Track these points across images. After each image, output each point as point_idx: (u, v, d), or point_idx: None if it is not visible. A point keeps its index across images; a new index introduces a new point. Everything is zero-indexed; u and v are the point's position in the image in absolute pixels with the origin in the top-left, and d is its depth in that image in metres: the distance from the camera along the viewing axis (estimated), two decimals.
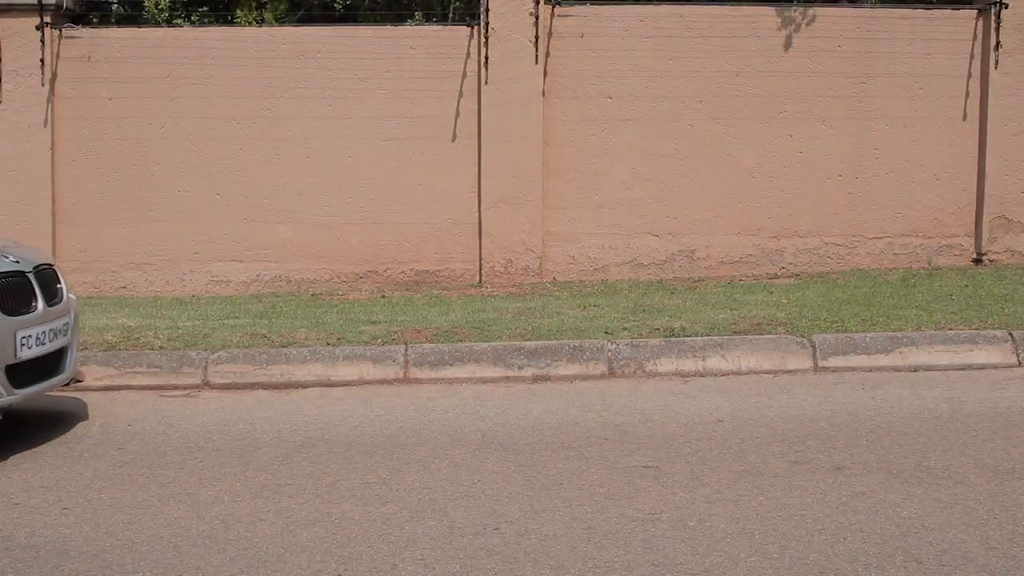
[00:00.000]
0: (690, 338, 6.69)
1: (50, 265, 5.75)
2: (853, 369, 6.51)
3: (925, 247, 9.82)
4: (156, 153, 9.69)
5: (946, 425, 5.29)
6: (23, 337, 5.19)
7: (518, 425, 5.47)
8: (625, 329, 7.02)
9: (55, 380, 5.52)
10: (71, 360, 5.68)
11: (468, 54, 9.61)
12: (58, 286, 5.69)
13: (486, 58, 9.46)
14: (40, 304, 5.40)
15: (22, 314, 5.25)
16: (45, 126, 9.61)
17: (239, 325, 7.53)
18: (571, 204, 9.69)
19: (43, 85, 9.57)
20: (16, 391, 5.14)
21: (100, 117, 9.69)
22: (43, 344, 5.35)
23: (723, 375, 6.50)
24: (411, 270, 9.73)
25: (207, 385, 6.48)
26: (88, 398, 6.24)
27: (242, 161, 9.69)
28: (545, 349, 6.58)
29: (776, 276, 9.64)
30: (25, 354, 5.20)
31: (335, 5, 11.80)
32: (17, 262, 5.42)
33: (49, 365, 5.46)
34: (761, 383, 6.30)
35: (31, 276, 5.43)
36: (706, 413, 5.63)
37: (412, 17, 11.62)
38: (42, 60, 9.54)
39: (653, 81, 9.65)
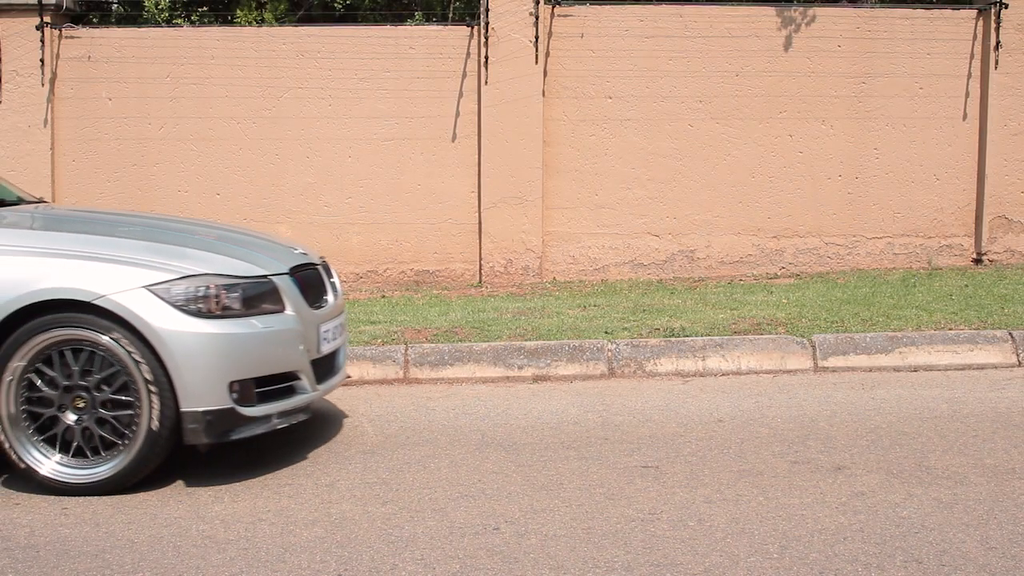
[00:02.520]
0: (690, 338, 6.69)
1: (323, 258, 5.55)
2: (853, 369, 6.51)
3: (925, 247, 9.82)
4: (156, 153, 9.70)
5: (946, 425, 5.29)
6: (324, 331, 5.01)
7: (518, 425, 5.47)
8: (625, 329, 7.03)
9: (340, 377, 5.28)
10: (344, 357, 5.43)
11: (468, 54, 9.61)
12: (332, 280, 5.42)
13: (486, 58, 9.46)
14: (331, 297, 5.21)
15: (319, 308, 5.05)
16: (45, 126, 9.62)
17: None
18: (571, 204, 9.69)
19: (43, 85, 9.58)
20: (318, 387, 4.94)
21: (100, 117, 9.69)
22: (335, 339, 5.16)
23: (723, 375, 6.50)
24: (411, 270, 9.73)
25: None
26: None
27: (242, 161, 9.69)
28: (545, 349, 6.59)
29: (776, 276, 9.65)
30: (325, 348, 5.01)
31: (335, 5, 11.81)
32: (305, 254, 5.26)
33: (332, 361, 5.19)
34: (761, 383, 6.30)
35: (321, 268, 5.27)
36: (706, 413, 5.63)
37: (412, 17, 11.62)
38: (42, 60, 9.55)
39: (653, 81, 9.65)
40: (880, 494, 4.31)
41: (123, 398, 4.47)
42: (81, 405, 4.50)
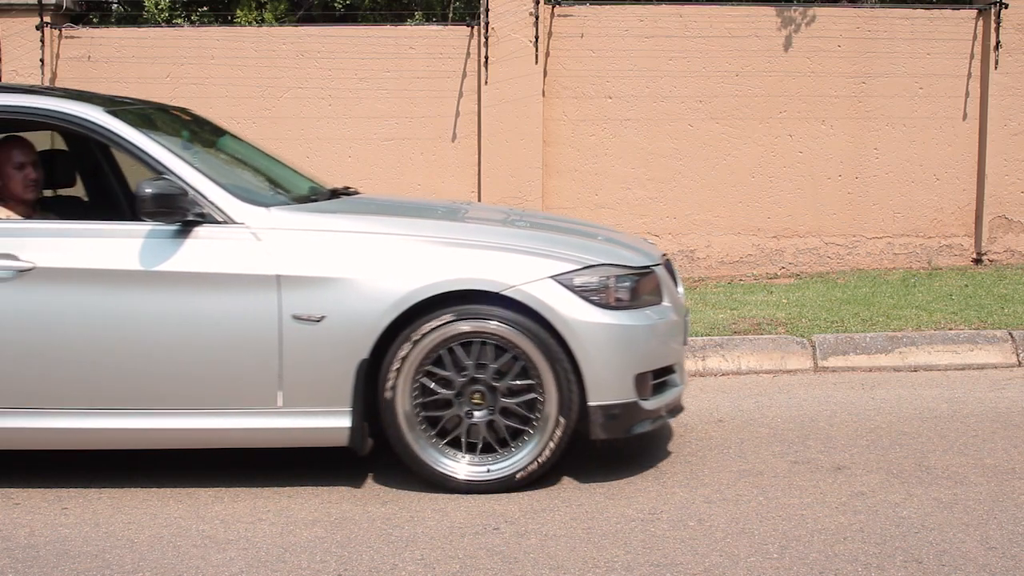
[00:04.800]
0: (690, 338, 6.68)
1: None
2: (853, 369, 6.51)
3: (925, 247, 9.82)
4: None
5: (946, 425, 5.29)
6: (688, 322, 4.87)
7: None
8: None
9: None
10: None
11: (468, 54, 9.61)
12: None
13: (486, 58, 9.46)
14: (680, 289, 4.97)
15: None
16: None
17: None
18: (571, 204, 9.69)
19: (43, 85, 9.57)
20: (684, 380, 4.76)
21: None
22: (689, 333, 5.00)
23: (723, 375, 6.50)
24: None
25: None
26: None
27: None
28: None
29: (776, 276, 9.64)
30: (687, 340, 4.89)
31: (335, 5, 11.80)
32: (653, 243, 5.09)
33: None
34: (761, 383, 6.30)
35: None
36: (706, 413, 5.63)
37: (412, 17, 11.62)
38: (42, 60, 9.54)
39: (653, 81, 9.65)
40: (880, 494, 4.31)
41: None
42: (478, 400, 4.36)
